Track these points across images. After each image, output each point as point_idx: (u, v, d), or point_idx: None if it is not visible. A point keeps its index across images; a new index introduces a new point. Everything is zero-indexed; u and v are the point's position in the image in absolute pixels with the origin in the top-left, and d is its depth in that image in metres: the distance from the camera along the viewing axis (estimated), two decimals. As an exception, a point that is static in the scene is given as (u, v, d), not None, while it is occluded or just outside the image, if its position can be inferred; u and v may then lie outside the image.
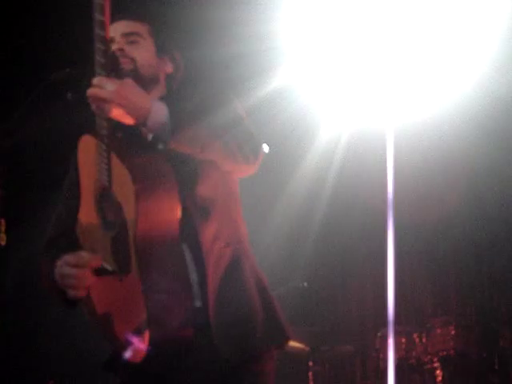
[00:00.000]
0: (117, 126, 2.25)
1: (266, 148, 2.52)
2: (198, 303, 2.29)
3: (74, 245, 2.37)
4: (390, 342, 4.69)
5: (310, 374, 5.57)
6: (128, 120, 2.20)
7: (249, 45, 5.13)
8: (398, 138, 5.74)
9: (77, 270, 2.24)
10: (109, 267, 2.26)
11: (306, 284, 5.19)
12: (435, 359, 5.67)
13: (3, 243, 2.27)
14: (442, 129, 6.32)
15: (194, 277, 2.30)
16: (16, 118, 2.35)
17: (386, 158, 5.35)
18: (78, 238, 2.39)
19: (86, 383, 5.86)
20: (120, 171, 2.21)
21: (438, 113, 6.02)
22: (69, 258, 2.27)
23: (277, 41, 5.36)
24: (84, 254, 2.28)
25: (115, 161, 2.22)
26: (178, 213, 2.23)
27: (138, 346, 2.24)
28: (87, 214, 2.37)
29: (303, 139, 6.53)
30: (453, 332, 5.69)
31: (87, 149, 2.36)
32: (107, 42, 2.14)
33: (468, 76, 5.57)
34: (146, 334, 2.21)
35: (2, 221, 2.28)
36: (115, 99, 2.14)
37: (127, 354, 2.27)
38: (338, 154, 6.64)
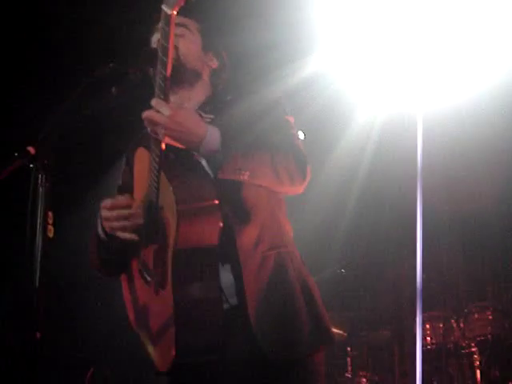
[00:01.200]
0: (169, 147, 2.28)
1: (301, 135, 2.54)
2: (232, 303, 2.32)
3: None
4: (418, 328, 4.70)
5: (349, 359, 5.61)
6: (181, 145, 2.25)
7: (284, 33, 5.14)
8: (430, 124, 5.74)
9: (116, 211, 2.35)
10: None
11: (343, 270, 5.21)
12: (473, 344, 5.68)
13: (51, 235, 2.30)
14: (475, 115, 6.26)
15: (226, 280, 2.32)
16: (62, 112, 2.39)
17: (417, 142, 5.35)
18: None
19: (125, 371, 5.94)
20: (167, 190, 2.26)
21: (472, 99, 5.97)
22: (105, 201, 2.38)
23: (311, 28, 5.36)
24: (120, 198, 2.39)
25: (164, 180, 2.28)
26: (218, 230, 2.26)
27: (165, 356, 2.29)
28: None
29: (337, 125, 6.52)
30: (490, 317, 5.69)
31: (142, 161, 2.43)
32: (168, 67, 2.17)
33: (503, 62, 5.52)
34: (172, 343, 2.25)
35: (50, 213, 2.31)
36: (169, 125, 2.18)
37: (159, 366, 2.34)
38: (372, 139, 6.62)
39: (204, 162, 2.30)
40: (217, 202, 2.26)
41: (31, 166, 2.28)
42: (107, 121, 2.81)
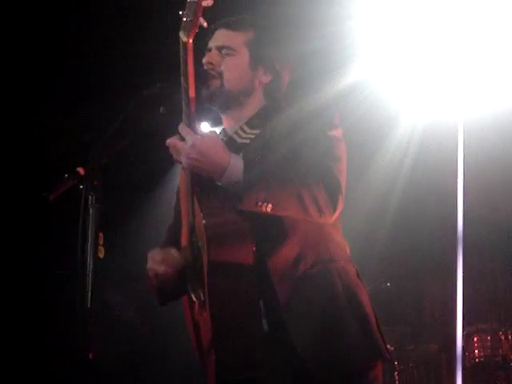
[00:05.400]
0: None
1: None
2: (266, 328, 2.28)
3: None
4: (458, 340, 4.63)
5: (396, 373, 5.55)
6: (203, 174, 2.24)
7: (326, 42, 5.14)
8: (470, 131, 5.68)
9: (163, 266, 2.38)
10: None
11: (388, 284, 5.16)
12: (521, 357, 5.58)
13: (102, 256, 2.31)
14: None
15: (262, 303, 2.28)
16: (110, 134, 2.40)
17: (457, 150, 5.30)
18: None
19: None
20: (198, 214, 2.27)
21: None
22: (155, 253, 2.41)
23: (352, 37, 5.35)
24: (172, 252, 2.41)
25: (196, 204, 2.29)
26: (252, 253, 2.24)
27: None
28: (184, 240, 2.45)
29: (378, 134, 6.48)
30: (538, 330, 5.60)
31: (183, 183, 2.42)
32: (190, 92, 2.19)
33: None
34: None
35: (101, 234, 2.32)
36: (191, 155, 2.18)
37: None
38: (412, 147, 6.56)
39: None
40: (246, 224, 2.24)
41: (81, 186, 2.29)
42: (155, 140, 2.82)
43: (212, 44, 2.52)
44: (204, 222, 2.23)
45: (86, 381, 2.14)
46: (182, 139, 2.21)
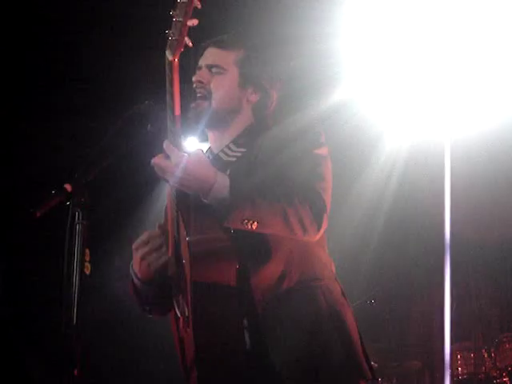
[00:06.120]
0: None
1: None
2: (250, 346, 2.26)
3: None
4: (446, 358, 4.63)
5: (379, 391, 5.57)
6: (189, 191, 2.25)
7: (310, 61, 5.17)
8: (456, 150, 5.70)
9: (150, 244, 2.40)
10: None
11: (373, 301, 5.17)
12: (504, 374, 5.60)
13: (88, 272, 2.31)
14: (503, 142, 6.22)
15: (245, 321, 2.26)
16: (97, 150, 2.41)
17: (444, 170, 5.32)
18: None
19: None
20: (182, 231, 2.27)
21: (499, 125, 5.94)
22: (137, 242, 2.42)
23: (336, 57, 5.39)
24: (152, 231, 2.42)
25: (181, 221, 2.29)
26: (234, 271, 2.24)
27: None
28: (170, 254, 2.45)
29: (363, 153, 6.51)
30: (521, 347, 5.62)
31: (169, 199, 2.43)
32: (175, 110, 2.20)
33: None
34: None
35: (87, 250, 2.32)
36: (177, 172, 2.18)
37: None
38: (398, 167, 6.60)
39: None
40: (230, 242, 2.25)
41: (68, 203, 2.30)
42: (141, 157, 2.83)
43: (202, 62, 2.54)
44: (187, 238, 2.23)
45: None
46: (167, 157, 2.21)
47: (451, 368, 5.70)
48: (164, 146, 2.21)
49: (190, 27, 2.13)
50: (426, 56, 5.55)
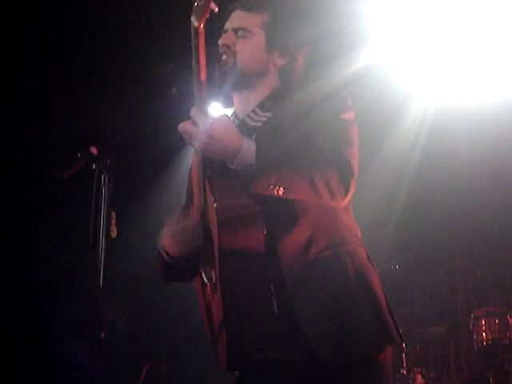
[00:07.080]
0: None
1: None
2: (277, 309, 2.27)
3: None
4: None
5: (404, 355, 5.57)
6: (215, 157, 2.24)
7: (340, 25, 5.11)
8: (479, 116, 5.65)
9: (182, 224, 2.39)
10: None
11: (398, 267, 5.16)
12: (529, 340, 5.59)
13: (114, 235, 2.32)
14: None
15: (272, 287, 2.27)
16: (123, 114, 2.41)
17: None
18: None
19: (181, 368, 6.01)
20: (210, 198, 2.28)
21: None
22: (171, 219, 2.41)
23: (363, 20, 5.33)
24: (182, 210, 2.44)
25: (208, 187, 2.30)
26: (263, 237, 2.25)
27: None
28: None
29: (391, 115, 6.47)
30: (546, 313, 5.60)
31: (196, 166, 2.42)
32: (202, 76, 2.18)
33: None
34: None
35: (113, 213, 2.33)
36: (204, 139, 2.16)
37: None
38: (425, 129, 6.54)
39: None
40: (257, 208, 2.24)
41: (94, 166, 2.30)
42: (166, 120, 2.82)
43: (228, 25, 2.51)
44: (215, 205, 2.24)
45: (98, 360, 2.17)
46: (194, 123, 2.20)
47: (475, 334, 5.70)
48: (191, 113, 2.19)
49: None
50: (452, 18, 5.47)
